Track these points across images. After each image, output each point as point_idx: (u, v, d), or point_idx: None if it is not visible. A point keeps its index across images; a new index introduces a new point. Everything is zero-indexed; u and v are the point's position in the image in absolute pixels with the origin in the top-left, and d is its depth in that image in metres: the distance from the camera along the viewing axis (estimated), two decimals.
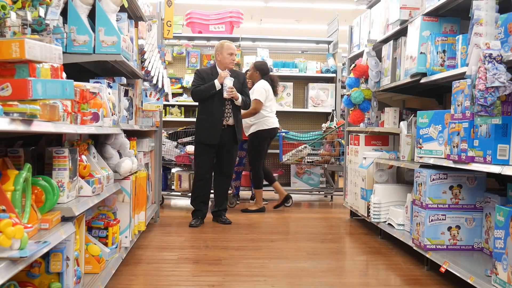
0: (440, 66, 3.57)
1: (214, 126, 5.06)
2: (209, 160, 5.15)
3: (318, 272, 3.53)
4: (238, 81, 5.14)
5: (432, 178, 3.40)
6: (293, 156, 6.43)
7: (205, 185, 5.17)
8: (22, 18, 2.13)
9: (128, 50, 3.37)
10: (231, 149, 5.22)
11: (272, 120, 5.92)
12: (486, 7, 2.80)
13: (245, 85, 5.28)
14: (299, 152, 6.41)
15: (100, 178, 2.78)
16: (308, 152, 6.46)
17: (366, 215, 4.80)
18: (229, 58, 5.10)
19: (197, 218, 5.09)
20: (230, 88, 4.96)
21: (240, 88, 5.15)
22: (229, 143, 5.16)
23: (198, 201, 5.15)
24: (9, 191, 1.83)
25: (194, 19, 7.50)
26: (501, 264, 2.54)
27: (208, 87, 5.00)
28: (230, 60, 5.10)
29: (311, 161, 6.52)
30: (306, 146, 6.45)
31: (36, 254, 1.74)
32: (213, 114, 5.06)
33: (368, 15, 5.32)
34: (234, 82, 5.03)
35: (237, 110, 5.19)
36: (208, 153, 5.13)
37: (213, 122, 5.06)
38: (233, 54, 5.12)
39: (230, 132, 5.14)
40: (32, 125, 1.73)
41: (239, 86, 5.13)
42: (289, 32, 12.27)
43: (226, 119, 5.11)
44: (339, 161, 6.66)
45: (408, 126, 4.26)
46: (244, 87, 5.24)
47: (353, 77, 5.10)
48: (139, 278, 3.31)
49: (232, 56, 5.11)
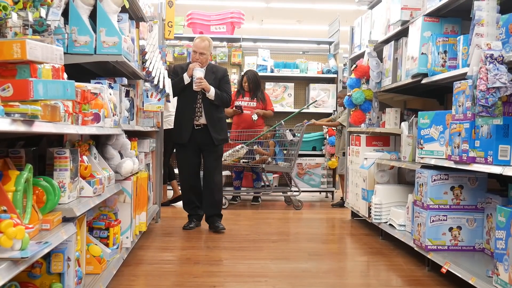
0: (441, 67, 3.56)
1: (184, 124, 4.79)
2: (188, 161, 4.86)
3: (319, 273, 3.53)
4: (215, 76, 4.81)
5: (433, 178, 3.40)
6: (230, 156, 6.28)
7: (190, 189, 4.91)
8: (23, 18, 2.14)
9: (129, 51, 3.37)
10: (210, 151, 4.86)
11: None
12: (487, 8, 2.80)
13: (224, 81, 4.87)
14: (236, 152, 6.25)
15: (101, 178, 2.78)
16: (244, 152, 6.29)
17: (367, 216, 4.80)
18: (193, 56, 4.80)
19: (191, 221, 4.92)
20: (198, 78, 4.65)
21: (217, 83, 4.79)
22: (206, 145, 4.81)
23: (188, 206, 4.97)
24: (10, 192, 1.83)
25: (195, 19, 7.51)
26: (502, 265, 2.53)
27: (177, 81, 4.74)
28: (193, 57, 4.79)
29: (247, 161, 6.38)
30: (243, 146, 6.30)
31: (37, 254, 1.74)
32: (184, 112, 4.80)
33: (369, 16, 5.32)
34: (209, 76, 4.75)
35: (211, 107, 4.77)
36: (186, 154, 4.85)
37: (183, 121, 4.80)
38: (197, 52, 4.75)
39: (204, 133, 4.78)
40: (33, 126, 1.73)
41: (215, 81, 4.79)
42: (290, 32, 12.27)
43: (197, 118, 4.75)
44: (275, 161, 6.62)
45: (409, 126, 4.26)
46: (223, 83, 4.84)
47: (354, 78, 5.09)
48: (140, 279, 3.31)
49: (195, 54, 4.76)
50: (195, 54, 4.78)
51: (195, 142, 4.80)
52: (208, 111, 4.77)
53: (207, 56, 4.82)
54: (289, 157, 6.45)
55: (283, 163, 6.50)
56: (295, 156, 6.32)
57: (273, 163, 6.54)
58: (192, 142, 4.80)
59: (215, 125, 4.79)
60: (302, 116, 7.07)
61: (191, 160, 4.87)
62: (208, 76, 4.76)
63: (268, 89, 7.39)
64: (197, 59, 4.76)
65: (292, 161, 6.32)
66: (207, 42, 4.81)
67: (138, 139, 4.26)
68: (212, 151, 4.86)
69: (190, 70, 4.71)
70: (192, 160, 4.87)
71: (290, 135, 6.51)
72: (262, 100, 6.60)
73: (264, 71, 7.28)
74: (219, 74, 4.87)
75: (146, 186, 4.18)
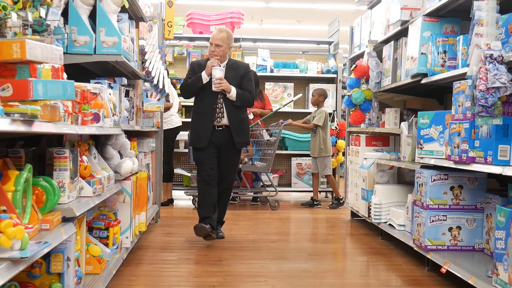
0: (441, 67, 3.56)
1: (204, 127, 4.32)
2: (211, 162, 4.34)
3: (319, 273, 3.53)
4: (236, 74, 4.36)
5: (433, 178, 3.40)
6: None
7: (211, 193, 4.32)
8: (23, 18, 2.13)
9: (129, 51, 3.37)
10: (228, 154, 4.40)
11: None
12: (487, 8, 2.80)
13: (246, 78, 4.41)
14: None
15: (101, 178, 2.78)
16: None
17: (367, 216, 4.80)
18: (209, 49, 4.36)
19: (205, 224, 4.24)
20: (218, 79, 4.21)
21: (238, 82, 4.35)
22: (225, 147, 4.36)
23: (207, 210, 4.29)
24: (10, 192, 1.83)
25: (195, 19, 7.51)
26: (502, 265, 2.53)
27: (195, 80, 4.31)
28: (209, 50, 4.35)
29: None
30: None
31: (37, 254, 1.74)
32: (203, 113, 4.34)
33: (369, 16, 5.32)
34: (230, 73, 4.32)
35: (233, 108, 4.33)
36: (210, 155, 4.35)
37: (203, 123, 4.33)
38: (212, 44, 4.30)
39: (225, 134, 4.33)
40: (33, 126, 1.73)
41: (236, 78, 4.35)
42: (290, 32, 12.27)
43: (218, 119, 4.31)
44: (252, 161, 6.60)
45: (409, 126, 4.26)
46: (245, 81, 4.39)
47: (354, 78, 5.10)
48: (139, 279, 3.31)
49: (211, 47, 4.31)
50: (211, 46, 4.32)
51: (214, 144, 4.33)
52: (230, 112, 4.32)
53: (224, 48, 4.32)
54: (266, 157, 6.44)
55: (259, 163, 6.48)
56: (272, 156, 6.30)
57: (249, 163, 6.52)
58: (210, 145, 4.33)
59: (237, 127, 4.35)
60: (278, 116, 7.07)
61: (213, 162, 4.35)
62: (229, 73, 4.33)
63: (268, 89, 7.40)
64: (213, 51, 4.30)
65: (269, 161, 6.30)
66: (225, 34, 4.34)
67: (138, 139, 4.26)
68: (231, 154, 4.41)
69: (209, 68, 4.25)
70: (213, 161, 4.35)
71: (266, 135, 6.50)
72: (260, 99, 6.60)
73: (264, 71, 7.28)
74: (240, 70, 4.42)
75: (145, 186, 4.18)
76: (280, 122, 6.49)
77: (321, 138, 6.33)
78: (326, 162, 6.40)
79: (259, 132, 6.52)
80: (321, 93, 6.47)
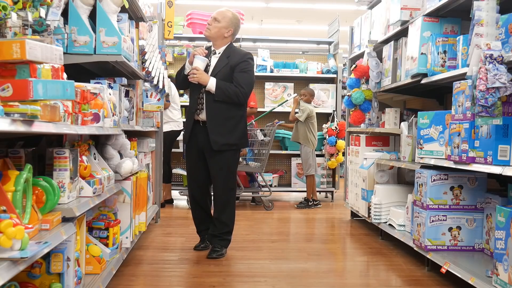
0: (441, 67, 3.57)
1: (188, 120, 3.95)
2: (195, 167, 3.97)
3: (319, 273, 3.53)
4: (228, 62, 3.78)
5: (433, 178, 3.40)
6: None
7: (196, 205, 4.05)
8: (23, 18, 2.13)
9: (128, 51, 3.37)
10: (210, 157, 3.85)
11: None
12: (487, 8, 2.80)
13: (239, 69, 3.77)
14: None
15: (101, 178, 2.78)
16: None
17: (366, 216, 4.80)
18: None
19: (202, 239, 4.11)
20: (193, 68, 3.74)
21: (228, 72, 3.77)
22: (207, 147, 3.83)
23: (196, 223, 4.13)
24: (10, 192, 1.83)
25: (195, 19, 7.50)
26: (502, 265, 2.54)
27: (179, 70, 3.99)
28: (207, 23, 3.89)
29: None
30: None
31: (36, 254, 1.74)
32: (189, 107, 3.96)
33: (369, 16, 5.32)
34: (221, 63, 3.80)
35: (215, 103, 3.76)
36: (192, 158, 3.96)
37: (187, 116, 3.97)
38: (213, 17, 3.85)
39: (204, 132, 3.82)
40: (33, 126, 1.73)
41: (226, 68, 3.78)
42: (289, 32, 12.28)
43: (198, 111, 3.82)
44: (246, 161, 6.59)
45: (409, 126, 4.26)
46: (236, 72, 3.77)
47: (353, 78, 5.10)
48: (139, 279, 3.31)
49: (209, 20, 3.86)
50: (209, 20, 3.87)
51: (196, 143, 3.91)
52: (210, 107, 3.78)
53: (221, 26, 3.79)
54: (259, 157, 6.44)
55: (253, 163, 6.48)
56: (266, 156, 6.30)
57: (243, 163, 6.51)
58: (192, 143, 3.94)
59: (217, 124, 3.77)
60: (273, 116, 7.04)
61: (195, 166, 3.97)
62: (221, 62, 3.81)
63: (268, 89, 7.40)
64: (209, 24, 3.82)
65: (263, 161, 6.30)
66: (229, 13, 3.86)
67: (138, 139, 4.26)
68: (213, 157, 3.84)
69: (191, 57, 3.80)
70: (196, 165, 3.97)
71: (261, 135, 6.49)
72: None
73: (264, 71, 7.28)
74: (234, 59, 3.79)
75: (145, 186, 4.18)
76: (275, 122, 6.50)
77: (303, 130, 6.35)
78: (311, 162, 6.40)
79: (253, 132, 6.52)
80: (312, 93, 6.60)
